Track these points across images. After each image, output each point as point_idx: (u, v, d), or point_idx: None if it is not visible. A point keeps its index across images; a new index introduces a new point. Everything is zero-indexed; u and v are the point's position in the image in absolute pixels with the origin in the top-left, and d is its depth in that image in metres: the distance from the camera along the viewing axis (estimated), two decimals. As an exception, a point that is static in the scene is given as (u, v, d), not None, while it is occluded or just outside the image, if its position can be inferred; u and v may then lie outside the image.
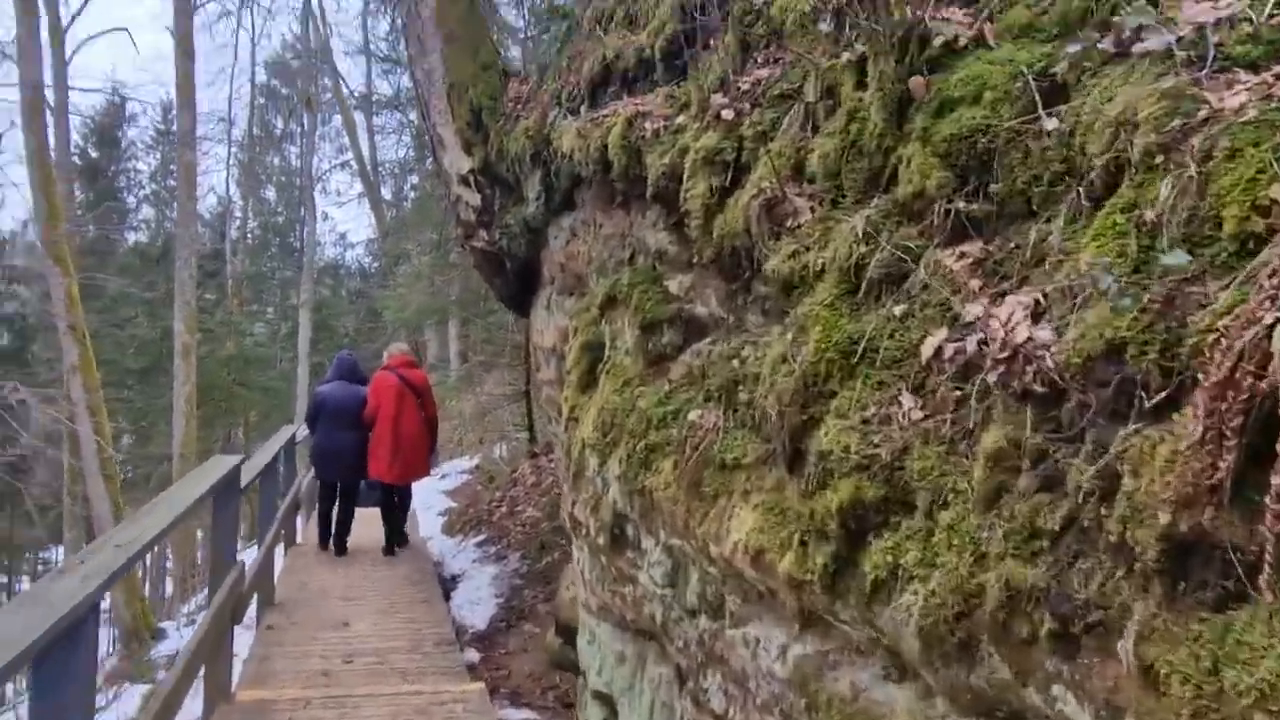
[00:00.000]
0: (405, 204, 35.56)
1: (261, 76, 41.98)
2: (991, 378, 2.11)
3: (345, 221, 45.18)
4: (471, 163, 6.95)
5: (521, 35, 10.89)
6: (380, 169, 37.19)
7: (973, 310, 2.33)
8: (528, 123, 5.87)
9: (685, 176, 3.67)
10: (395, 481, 9.05)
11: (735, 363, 3.23)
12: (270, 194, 45.99)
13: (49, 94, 27.63)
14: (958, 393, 2.25)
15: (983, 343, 2.22)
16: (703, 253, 3.59)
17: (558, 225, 6.17)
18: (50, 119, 27.49)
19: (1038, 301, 2.17)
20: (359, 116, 36.76)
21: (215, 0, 34.54)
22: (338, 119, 38.69)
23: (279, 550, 8.80)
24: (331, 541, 9.48)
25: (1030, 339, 2.08)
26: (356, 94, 36.87)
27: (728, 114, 3.54)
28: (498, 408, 16.52)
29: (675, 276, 4.03)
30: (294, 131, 40.76)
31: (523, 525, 10.54)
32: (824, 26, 3.31)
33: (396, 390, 8.72)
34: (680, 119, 4.02)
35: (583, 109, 5.07)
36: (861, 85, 2.96)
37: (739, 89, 3.60)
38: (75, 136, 38.12)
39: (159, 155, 42.56)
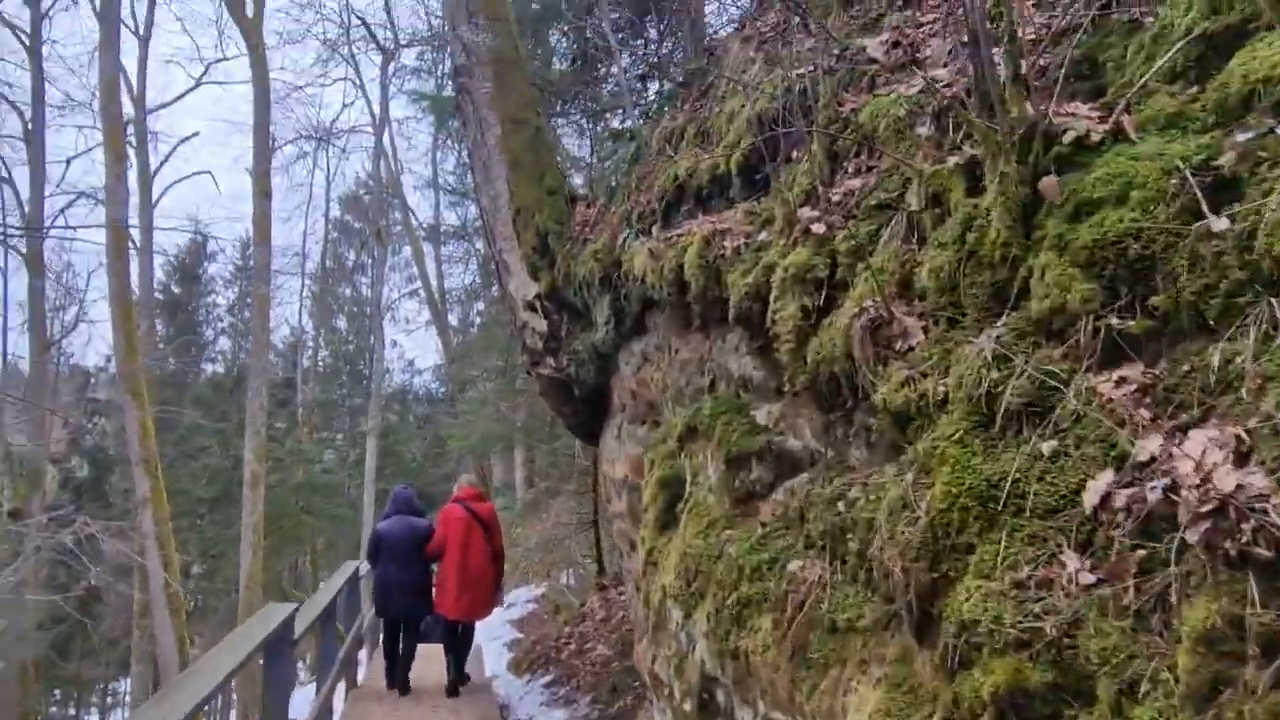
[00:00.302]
0: (471, 330, 36.03)
1: (335, 211, 43.62)
2: (1192, 536, 1.69)
3: (413, 348, 46.08)
4: (538, 288, 6.76)
5: (586, 163, 10.92)
6: (447, 296, 37.89)
7: (1147, 448, 1.92)
8: (596, 245, 5.66)
9: (772, 297, 3.35)
10: (461, 618, 8.72)
11: (840, 505, 2.83)
12: (341, 323, 47.09)
13: (136, 235, 28.91)
14: (1141, 552, 1.83)
15: (1169, 490, 1.80)
16: (795, 380, 3.23)
17: (628, 351, 5.89)
18: (136, 258, 28.68)
19: (1239, 439, 1.75)
20: (427, 246, 37.71)
21: (293, 144, 36.28)
22: (407, 250, 39.78)
23: (339, 692, 8.37)
24: (395, 680, 9.03)
25: (1240, 487, 1.66)
26: (425, 225, 37.93)
27: (818, 228, 3.24)
28: (565, 536, 16.07)
29: (763, 405, 3.66)
30: (365, 263, 42.02)
31: (593, 665, 9.96)
32: (923, 130, 3.02)
33: (464, 523, 8.49)
34: (763, 235, 3.73)
35: (654, 229, 4.84)
36: (975, 190, 2.63)
37: (829, 201, 3.31)
38: (159, 274, 39.69)
39: (237, 290, 44.04)
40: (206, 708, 4.13)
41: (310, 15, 47.61)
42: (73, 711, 38.04)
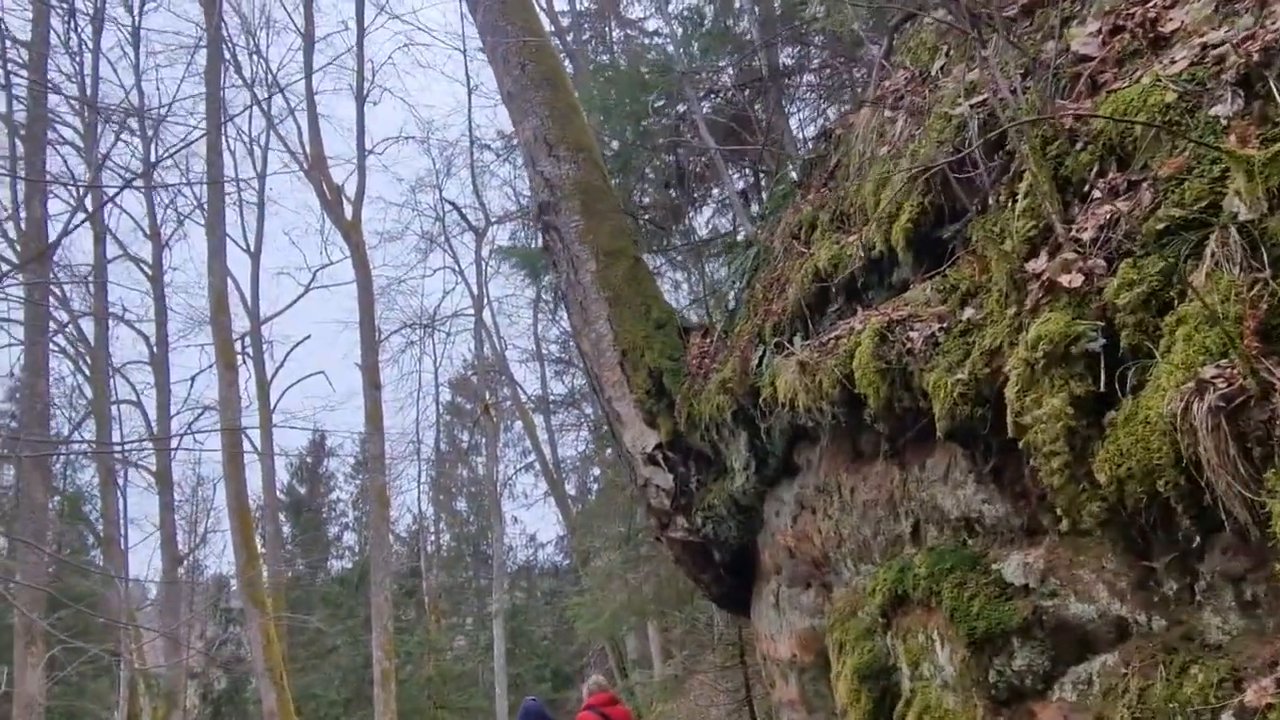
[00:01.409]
0: (589, 496, 35.17)
1: (445, 395, 44.20)
2: None
3: (534, 522, 45.43)
4: (657, 436, 5.75)
5: (693, 295, 10.08)
6: (562, 465, 37.30)
7: None
8: (723, 374, 4.66)
9: (1012, 392, 2.26)
10: None
11: (1227, 719, 1.63)
12: (461, 505, 46.90)
13: (257, 440, 29.44)
14: None
15: None
16: (1075, 512, 2.09)
17: (777, 499, 4.78)
18: (259, 463, 29.08)
19: None
20: (538, 419, 37.50)
21: (399, 334, 37.12)
22: (518, 425, 39.66)
23: None
24: None
25: None
26: (533, 398, 37.87)
27: (1072, 279, 2.17)
28: (717, 718, 14.42)
29: (1011, 555, 2.51)
30: (479, 443, 42.02)
31: None
32: (1222, 109, 1.97)
33: None
34: (968, 313, 2.67)
35: (797, 341, 3.81)
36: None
37: (1076, 240, 2.24)
38: (282, 475, 40.45)
39: (358, 484, 44.43)
40: None
41: (407, 213, 49.87)
42: None
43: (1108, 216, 2.18)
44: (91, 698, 21.07)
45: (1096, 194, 2.28)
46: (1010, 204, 2.59)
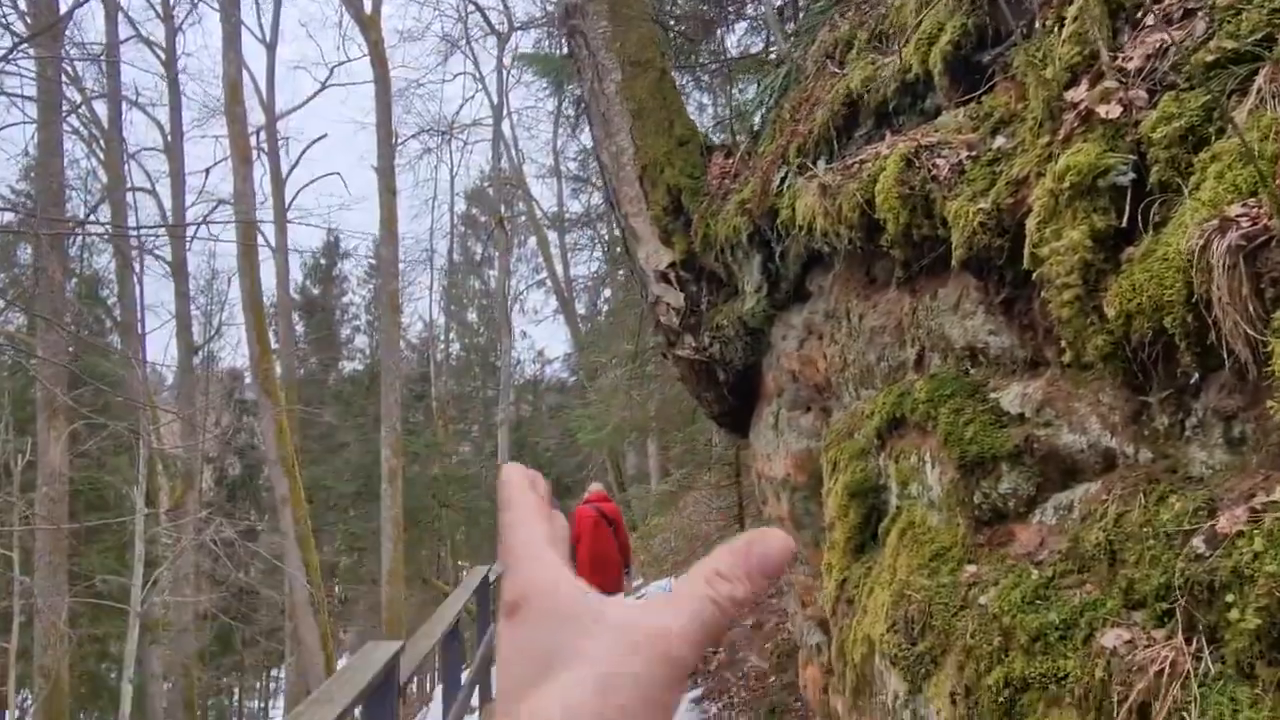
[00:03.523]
0: (599, 317, 35.48)
1: (460, 206, 43.88)
2: None
3: (542, 338, 46.10)
4: (671, 255, 5.75)
5: (720, 116, 9.80)
6: (574, 284, 37.43)
7: None
8: (742, 195, 4.61)
9: (1032, 223, 2.24)
10: None
11: (1200, 545, 1.71)
12: (472, 316, 47.39)
13: (271, 236, 29.52)
14: None
15: None
16: (1081, 344, 2.12)
17: (785, 323, 4.83)
18: (273, 260, 29.28)
19: None
20: (552, 236, 37.35)
21: (416, 139, 36.48)
22: (532, 241, 39.55)
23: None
24: None
25: None
26: (549, 214, 37.56)
27: (1109, 110, 2.11)
28: (709, 533, 15.08)
29: (1010, 385, 2.55)
30: (492, 256, 42.02)
31: (746, 678, 8.96)
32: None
33: (593, 520, 10.12)
34: (999, 141, 2.61)
35: (821, 164, 3.75)
36: None
37: (1120, 71, 2.17)
38: (296, 275, 40.78)
39: (371, 288, 44.74)
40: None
41: (429, 12, 47.94)
42: (236, 698, 39.74)
43: (1157, 45, 2.10)
44: (112, 472, 22.01)
45: (1149, 21, 2.19)
46: (1057, 28, 2.49)
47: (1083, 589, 2.01)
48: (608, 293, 33.96)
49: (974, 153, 2.67)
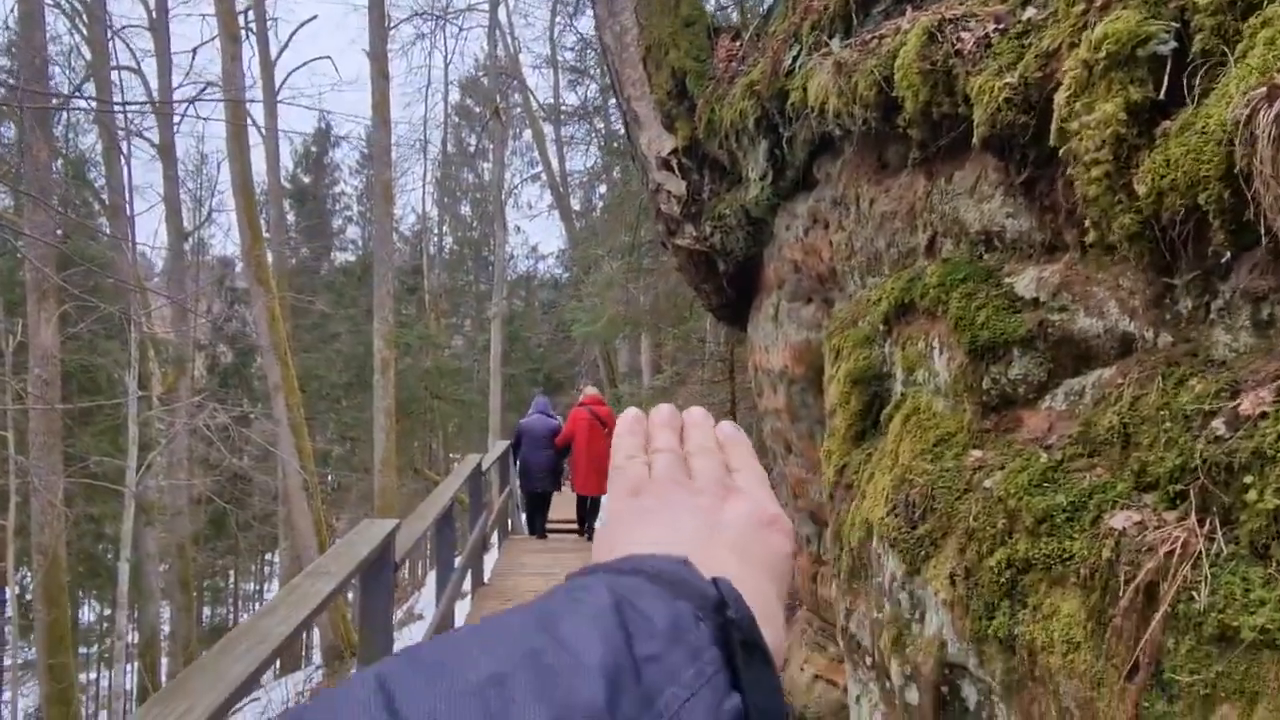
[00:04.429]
0: (594, 214, 35.11)
1: (455, 96, 42.92)
2: None
3: (536, 233, 45.86)
4: (674, 141, 5.60)
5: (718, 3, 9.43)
6: (569, 180, 36.93)
7: None
8: (751, 76, 4.45)
9: (1062, 97, 2.14)
10: (591, 493, 11.36)
11: (1220, 426, 1.68)
12: (466, 209, 46.88)
13: (261, 119, 28.94)
14: None
15: None
16: (1105, 224, 2.04)
17: (789, 212, 4.72)
18: (262, 146, 28.76)
19: None
20: (548, 129, 36.66)
21: (410, 24, 35.38)
22: (528, 134, 38.82)
23: (462, 604, 7.81)
24: (535, 530, 12.23)
25: None
26: (545, 106, 36.78)
27: (1153, -26, 1.99)
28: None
29: (1025, 270, 2.49)
30: (486, 148, 41.31)
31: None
32: None
33: (588, 421, 11.00)
34: (1029, 13, 2.48)
35: (835, 42, 3.60)
36: None
37: (1168, -68, 2.04)
38: (287, 162, 40.14)
39: (363, 178, 44.05)
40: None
41: (422, -114, 45.92)
42: (232, 580, 40.69)
43: (1209, -95, 1.97)
44: (103, 355, 21.98)
45: (1201, -121, 2.05)
46: (1099, -110, 2.34)
47: (1092, 472, 1.98)
48: (603, 189, 33.54)
49: (1002, 25, 2.55)
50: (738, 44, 5.45)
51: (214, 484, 25.06)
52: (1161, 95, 1.94)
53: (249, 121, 22.76)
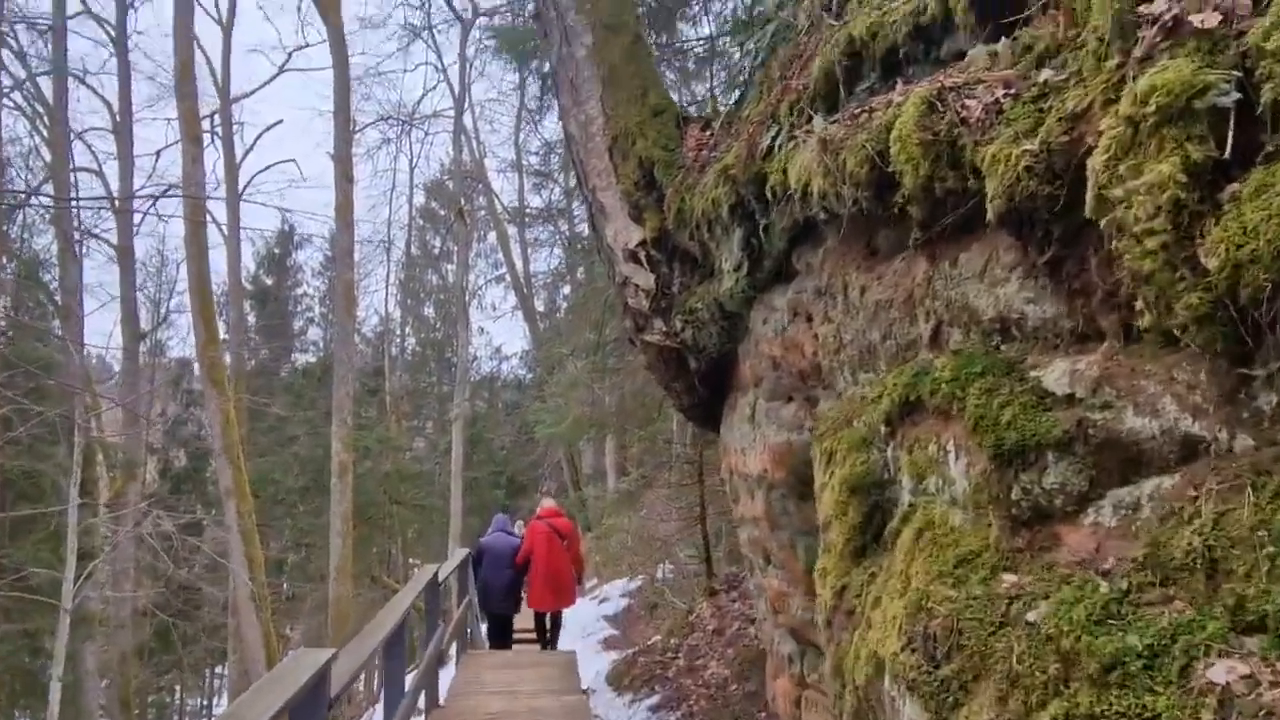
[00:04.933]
0: (558, 315, 35.00)
1: (420, 199, 43.17)
2: None
3: (500, 335, 45.62)
4: (642, 232, 5.33)
5: (687, 100, 9.34)
6: (533, 280, 36.88)
7: None
8: (725, 161, 4.19)
9: (1098, 160, 1.84)
10: (548, 609, 11.09)
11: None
12: (429, 311, 46.69)
13: (224, 222, 28.72)
14: None
15: None
16: (1163, 305, 1.72)
17: (766, 305, 4.42)
18: (224, 247, 28.45)
19: None
20: (512, 230, 36.78)
21: (376, 128, 35.66)
22: (492, 236, 38.94)
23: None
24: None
25: None
26: (509, 208, 36.99)
27: (1205, 18, 1.72)
28: (669, 535, 14.65)
29: (1055, 362, 2.16)
30: (451, 250, 41.34)
31: (706, 686, 8.55)
32: None
33: (546, 535, 10.63)
34: (1046, 75, 2.22)
35: (816, 121, 3.34)
36: None
37: (1214, -25, 1.78)
38: (250, 264, 39.92)
39: (326, 280, 43.76)
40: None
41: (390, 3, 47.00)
42: (178, 695, 38.75)
43: (1263, -59, 1.71)
44: (44, 460, 21.06)
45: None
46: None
47: (1170, 607, 1.61)
48: (567, 289, 33.48)
49: (1013, 90, 2.28)
50: (708, 133, 5.24)
51: (160, 595, 23.89)
52: (1225, 154, 1.64)
53: (209, 221, 22.49)
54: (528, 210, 36.06)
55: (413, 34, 31.58)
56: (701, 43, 8.57)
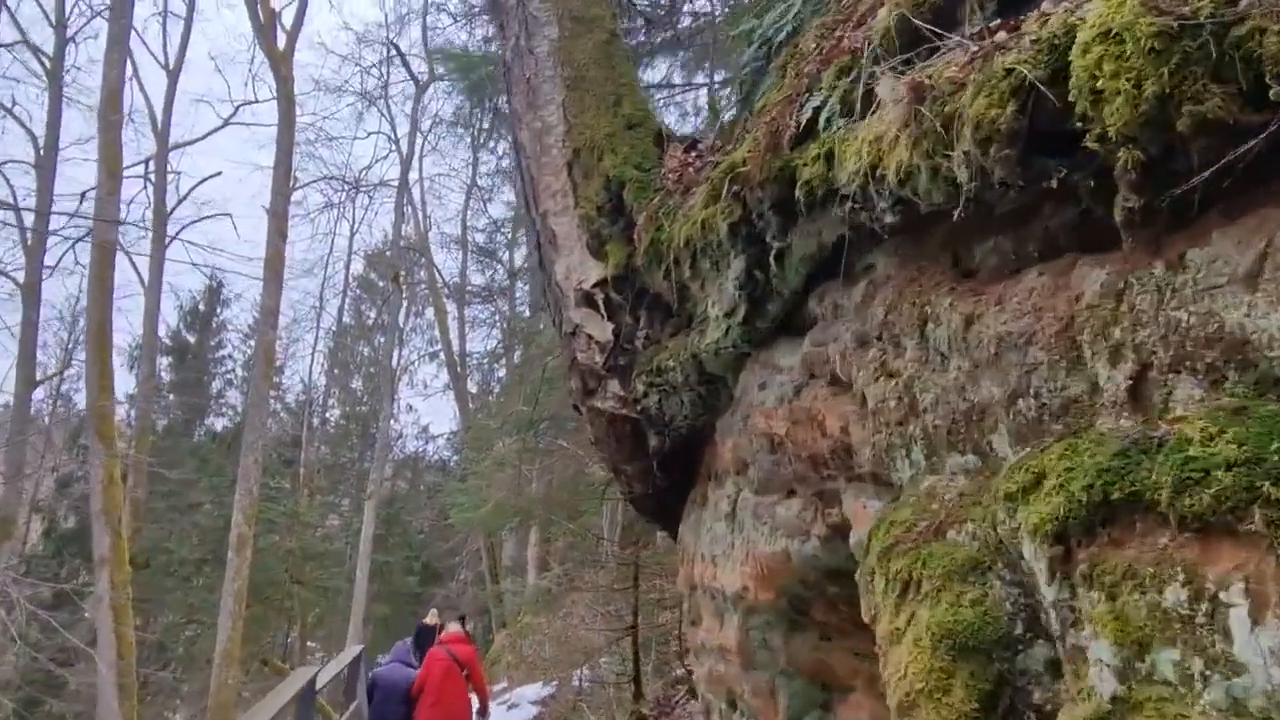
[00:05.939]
0: (490, 397, 33.58)
1: (358, 267, 41.85)
2: None
3: (429, 414, 43.87)
4: (602, 270, 4.17)
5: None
6: (468, 360, 35.52)
7: None
8: (733, 158, 3.08)
9: None
10: None
11: None
12: (357, 384, 44.93)
13: (146, 273, 27.07)
14: None
15: None
16: None
17: (766, 365, 3.28)
18: (143, 296, 26.72)
19: None
20: (451, 308, 35.58)
21: (317, 188, 34.47)
22: (430, 312, 37.66)
23: None
24: None
25: None
26: (450, 285, 35.85)
27: None
28: (598, 647, 13.06)
29: None
30: (385, 322, 39.93)
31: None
32: None
33: (444, 666, 9.89)
34: None
35: (884, 79, 2.25)
36: None
37: None
38: (171, 318, 38.05)
39: (253, 344, 41.77)
40: None
41: (348, 69, 46.27)
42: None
43: None
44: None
45: None
46: None
47: None
48: (502, 372, 32.19)
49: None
50: (693, 154, 4.16)
51: (26, 668, 21.45)
52: None
53: (120, 264, 20.85)
54: (469, 288, 35.02)
55: (367, 103, 30.75)
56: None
